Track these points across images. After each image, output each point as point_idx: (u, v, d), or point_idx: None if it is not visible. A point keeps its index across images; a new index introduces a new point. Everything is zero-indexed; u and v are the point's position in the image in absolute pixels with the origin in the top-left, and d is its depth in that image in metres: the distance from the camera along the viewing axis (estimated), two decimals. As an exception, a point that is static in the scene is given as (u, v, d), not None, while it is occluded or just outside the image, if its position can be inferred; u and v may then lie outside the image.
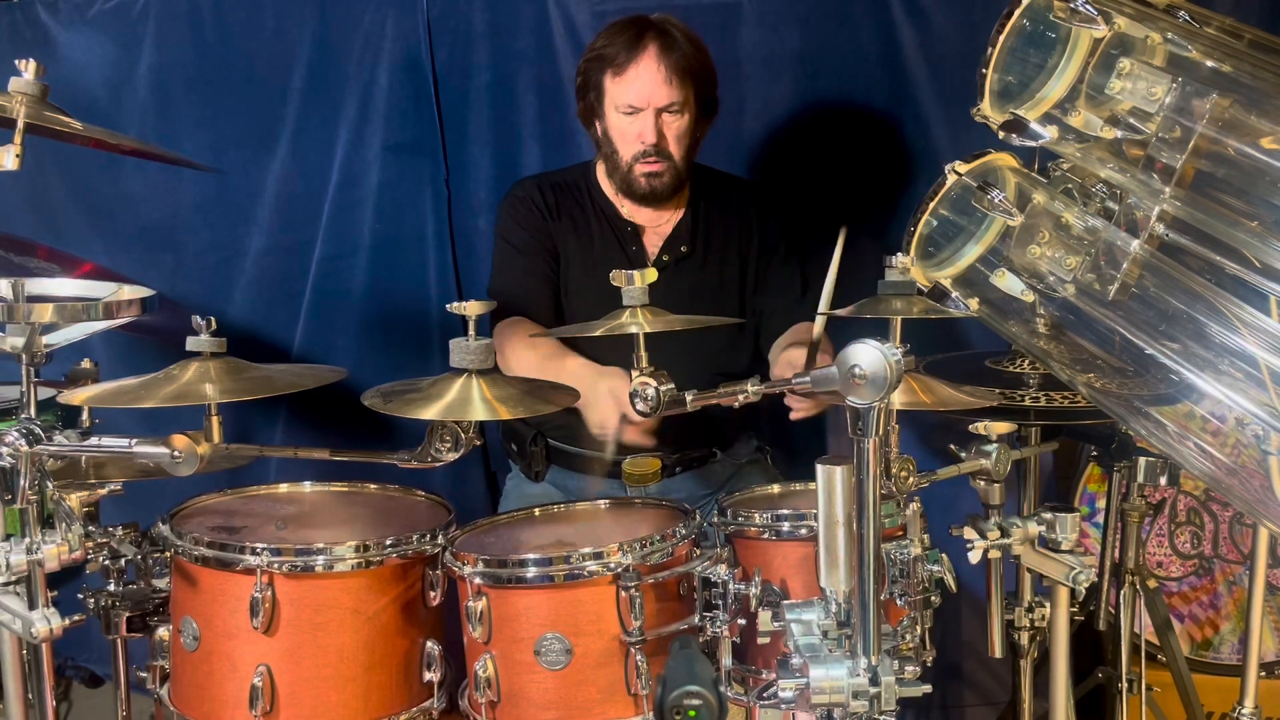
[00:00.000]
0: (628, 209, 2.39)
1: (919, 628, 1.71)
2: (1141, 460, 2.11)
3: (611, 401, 1.97)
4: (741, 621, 1.69)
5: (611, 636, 1.67)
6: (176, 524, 1.80)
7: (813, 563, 1.40)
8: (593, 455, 2.37)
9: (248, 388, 1.62)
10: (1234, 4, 2.61)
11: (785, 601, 1.46)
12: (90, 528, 1.71)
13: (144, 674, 1.87)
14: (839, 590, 1.34)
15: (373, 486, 2.02)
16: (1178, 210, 1.23)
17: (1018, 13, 1.26)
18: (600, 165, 2.40)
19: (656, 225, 2.39)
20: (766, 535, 1.80)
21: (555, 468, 2.44)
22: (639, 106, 2.25)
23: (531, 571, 1.69)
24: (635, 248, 2.38)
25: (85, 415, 2.12)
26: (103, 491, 1.79)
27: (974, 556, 1.72)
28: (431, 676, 1.77)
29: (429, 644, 1.77)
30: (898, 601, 1.68)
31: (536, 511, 2.00)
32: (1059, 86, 1.27)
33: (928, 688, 1.33)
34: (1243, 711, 2.03)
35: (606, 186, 2.40)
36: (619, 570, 1.66)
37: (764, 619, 1.56)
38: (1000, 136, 1.31)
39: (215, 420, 1.60)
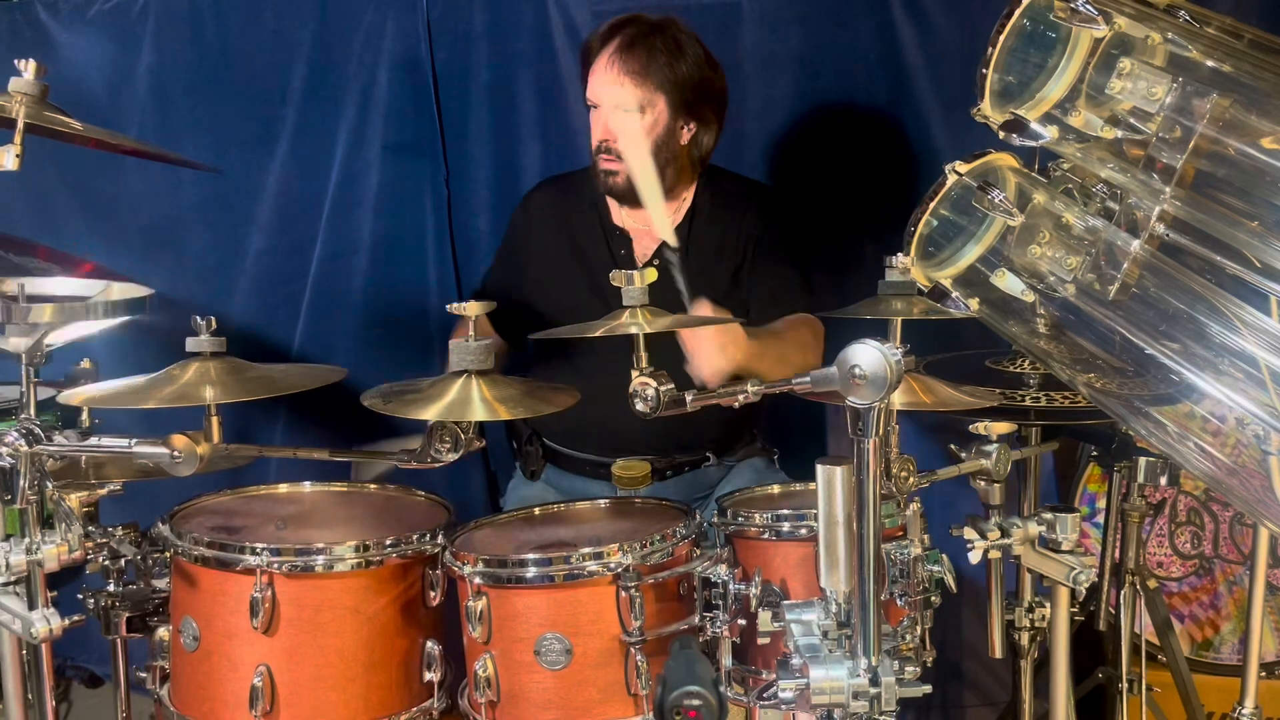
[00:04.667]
0: (625, 210, 2.38)
1: (919, 628, 1.72)
2: (1141, 460, 2.11)
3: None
4: (741, 622, 1.69)
5: (611, 636, 1.67)
6: (176, 524, 1.80)
7: (813, 563, 1.41)
8: (585, 457, 2.37)
9: (248, 388, 1.62)
10: (1234, 4, 2.61)
11: (785, 602, 1.46)
12: (90, 528, 1.71)
13: (144, 674, 1.87)
14: (839, 590, 1.34)
15: (373, 486, 2.02)
16: (1178, 210, 1.23)
17: (1018, 13, 1.26)
18: None
19: (651, 229, 2.38)
20: (766, 535, 1.80)
21: (551, 468, 2.43)
22: (594, 103, 2.25)
23: (531, 571, 1.69)
24: (624, 251, 2.37)
25: (85, 415, 2.12)
26: (102, 491, 1.79)
27: (974, 556, 1.72)
28: (431, 676, 1.77)
29: (429, 644, 1.77)
30: (898, 602, 1.68)
31: (536, 511, 1.99)
32: (1059, 86, 1.27)
33: (928, 688, 1.33)
34: (1243, 712, 2.03)
35: None
36: (619, 570, 1.66)
37: (764, 619, 1.56)
38: (1000, 136, 1.31)
39: (215, 420, 1.60)
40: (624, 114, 2.22)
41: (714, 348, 1.92)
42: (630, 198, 2.32)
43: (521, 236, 2.50)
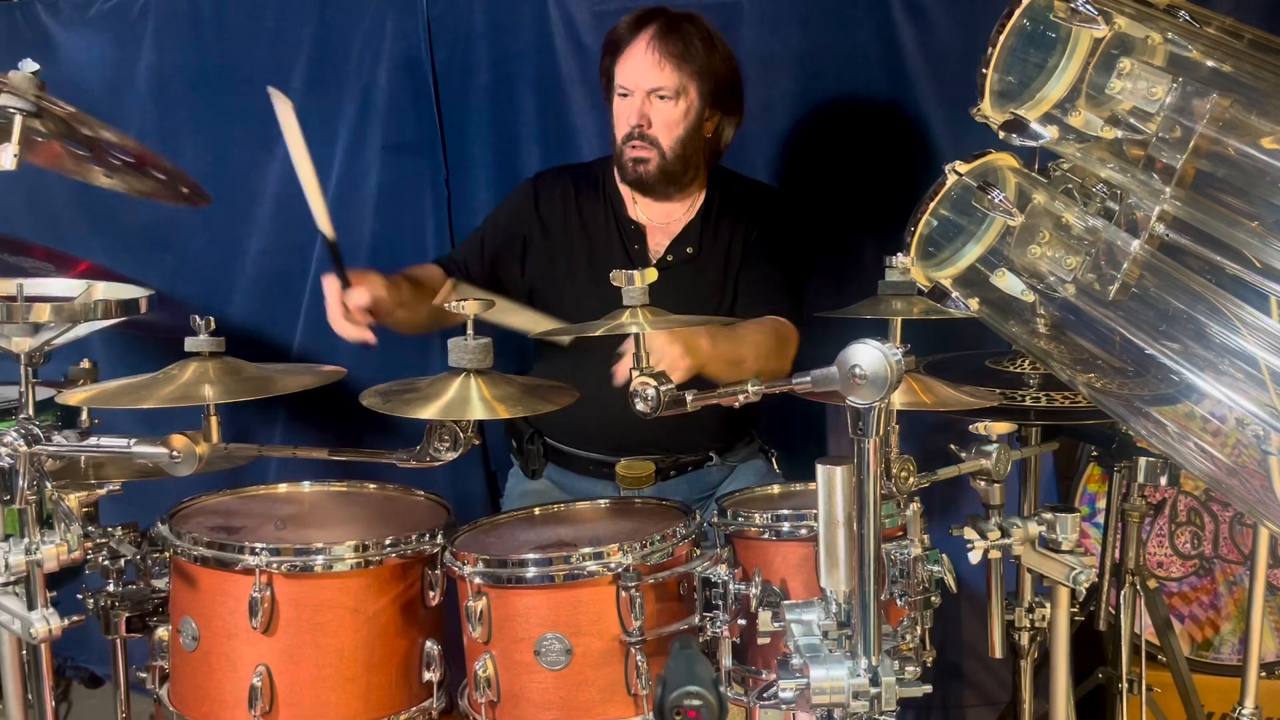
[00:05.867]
0: (640, 205, 2.38)
1: (919, 628, 1.71)
2: (1142, 460, 2.11)
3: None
4: (741, 622, 1.69)
5: (611, 636, 1.67)
6: (175, 524, 1.80)
7: (813, 563, 1.40)
8: (589, 456, 2.37)
9: (247, 388, 1.62)
10: (1234, 4, 2.61)
11: (785, 602, 1.46)
12: (89, 528, 1.72)
13: (143, 674, 1.87)
14: (839, 590, 1.34)
15: (372, 486, 2.02)
16: (1178, 210, 1.23)
17: (1018, 13, 1.26)
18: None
19: (666, 224, 2.38)
20: (766, 535, 1.80)
21: (552, 466, 2.43)
22: (629, 89, 2.25)
23: (531, 571, 1.68)
24: (638, 246, 2.37)
25: (84, 415, 2.12)
26: (102, 492, 1.80)
27: (974, 557, 1.72)
28: (431, 676, 1.77)
29: (428, 644, 1.77)
30: (898, 602, 1.68)
31: (536, 511, 1.99)
32: (1059, 86, 1.27)
33: (928, 688, 1.33)
34: (1243, 712, 2.03)
35: (620, 181, 2.38)
36: (619, 570, 1.66)
37: (764, 619, 1.56)
38: (1000, 136, 1.31)
39: (214, 420, 1.60)
40: (659, 99, 2.23)
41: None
42: (657, 189, 2.32)
43: (526, 216, 2.43)
